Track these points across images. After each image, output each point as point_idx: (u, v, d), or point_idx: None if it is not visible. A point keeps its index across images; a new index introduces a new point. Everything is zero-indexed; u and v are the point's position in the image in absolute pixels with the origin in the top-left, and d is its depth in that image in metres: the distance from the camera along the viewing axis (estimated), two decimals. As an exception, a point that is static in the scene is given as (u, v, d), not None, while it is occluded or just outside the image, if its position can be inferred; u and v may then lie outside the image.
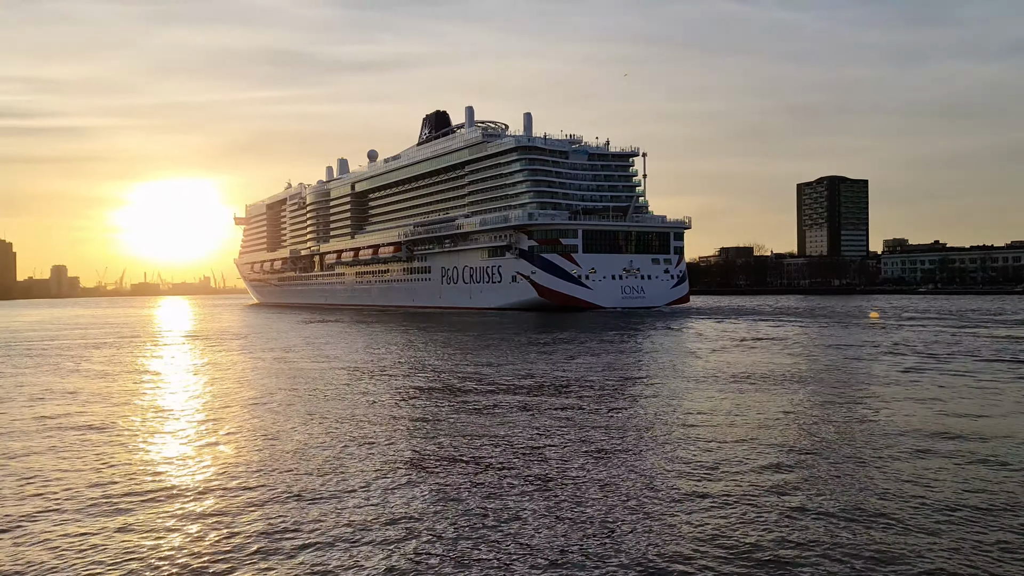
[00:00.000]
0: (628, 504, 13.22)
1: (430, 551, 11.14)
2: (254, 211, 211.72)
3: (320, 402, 24.88)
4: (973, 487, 13.87)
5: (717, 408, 22.52)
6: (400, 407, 23.73)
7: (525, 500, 13.45)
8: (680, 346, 45.85)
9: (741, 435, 18.50)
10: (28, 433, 20.23)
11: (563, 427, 19.82)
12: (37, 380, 32.42)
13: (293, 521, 12.43)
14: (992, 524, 11.91)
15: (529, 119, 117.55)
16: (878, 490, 13.78)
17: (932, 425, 19.71)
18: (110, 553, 11.25)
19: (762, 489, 13.94)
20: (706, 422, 20.38)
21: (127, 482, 15.08)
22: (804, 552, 10.91)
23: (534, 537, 11.63)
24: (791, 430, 19.28)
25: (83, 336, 66.20)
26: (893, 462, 15.85)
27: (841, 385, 27.58)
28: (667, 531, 11.85)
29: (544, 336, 54.56)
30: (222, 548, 11.36)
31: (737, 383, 28.11)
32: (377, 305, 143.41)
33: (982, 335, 50.55)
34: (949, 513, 12.48)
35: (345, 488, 14.39)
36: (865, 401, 24.04)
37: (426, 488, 14.28)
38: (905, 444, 17.45)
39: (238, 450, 17.86)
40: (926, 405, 23.00)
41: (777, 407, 22.72)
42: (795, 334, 54.35)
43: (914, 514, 12.44)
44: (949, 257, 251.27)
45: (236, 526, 12.35)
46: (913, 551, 10.88)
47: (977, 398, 24.32)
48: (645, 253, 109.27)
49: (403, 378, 31.11)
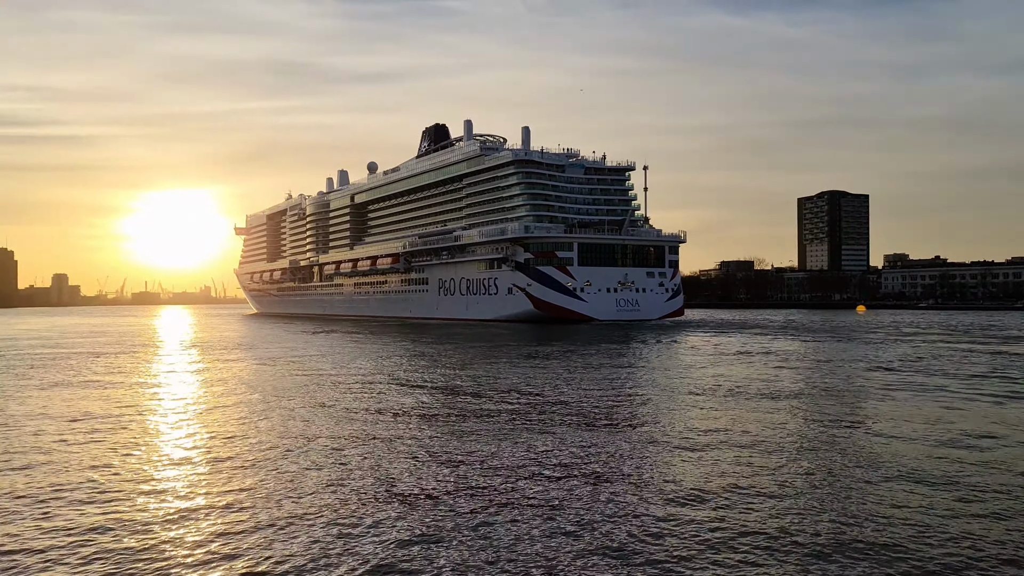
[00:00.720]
0: (620, 516, 13.78)
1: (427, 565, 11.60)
2: (254, 221, 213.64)
3: (304, 423, 24.05)
4: (971, 531, 13.20)
5: (712, 427, 22.68)
6: (388, 424, 23.78)
7: (523, 521, 13.63)
8: (673, 360, 46.49)
9: (731, 457, 18.65)
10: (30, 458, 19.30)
11: (553, 447, 19.95)
12: (34, 400, 30.43)
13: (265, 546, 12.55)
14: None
15: (527, 133, 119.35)
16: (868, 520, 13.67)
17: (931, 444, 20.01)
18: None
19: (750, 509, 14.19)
20: (701, 440, 20.67)
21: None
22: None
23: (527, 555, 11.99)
24: (785, 448, 19.58)
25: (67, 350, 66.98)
26: (881, 486, 15.93)
27: (839, 405, 27.42)
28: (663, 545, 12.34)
29: (541, 349, 55.29)
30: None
31: (731, 398, 28.66)
32: (375, 316, 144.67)
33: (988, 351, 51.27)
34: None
35: (345, 493, 15.02)
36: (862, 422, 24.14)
37: (422, 509, 14.54)
38: (895, 467, 17.53)
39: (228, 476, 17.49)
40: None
41: (770, 423, 23.11)
42: (787, 348, 55.33)
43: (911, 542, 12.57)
44: (949, 272, 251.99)
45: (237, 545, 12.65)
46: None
47: (977, 418, 24.34)
48: (640, 266, 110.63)
49: (391, 395, 31.09)
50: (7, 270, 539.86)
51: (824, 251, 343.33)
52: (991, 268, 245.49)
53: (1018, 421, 23.83)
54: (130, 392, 32.61)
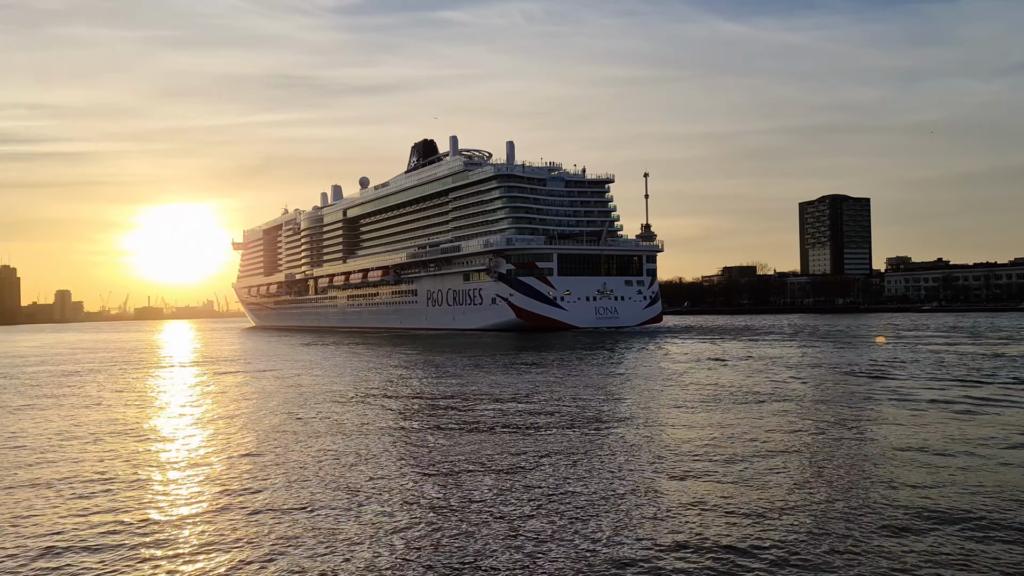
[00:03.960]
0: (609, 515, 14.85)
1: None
2: (251, 237, 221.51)
3: (300, 431, 25.12)
4: (962, 546, 13.05)
5: (697, 436, 23.41)
6: (375, 431, 24.84)
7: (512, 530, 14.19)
8: (650, 366, 48.32)
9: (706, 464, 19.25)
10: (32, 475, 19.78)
11: (531, 446, 21.31)
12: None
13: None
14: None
15: (511, 147, 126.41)
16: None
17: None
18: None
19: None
20: (683, 445, 21.62)
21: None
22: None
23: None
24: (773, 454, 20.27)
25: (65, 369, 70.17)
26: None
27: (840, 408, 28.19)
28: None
29: (523, 356, 57.89)
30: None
31: (713, 403, 29.99)
32: (368, 327, 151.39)
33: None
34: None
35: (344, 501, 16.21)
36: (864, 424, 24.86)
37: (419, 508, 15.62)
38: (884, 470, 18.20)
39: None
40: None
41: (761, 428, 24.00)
42: (764, 353, 57.00)
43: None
44: (953, 275, 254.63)
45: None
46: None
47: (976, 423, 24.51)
48: (619, 275, 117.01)
49: (374, 404, 32.07)
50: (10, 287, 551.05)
51: (826, 255, 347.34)
52: (994, 269, 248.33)
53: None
54: (153, 408, 33.70)
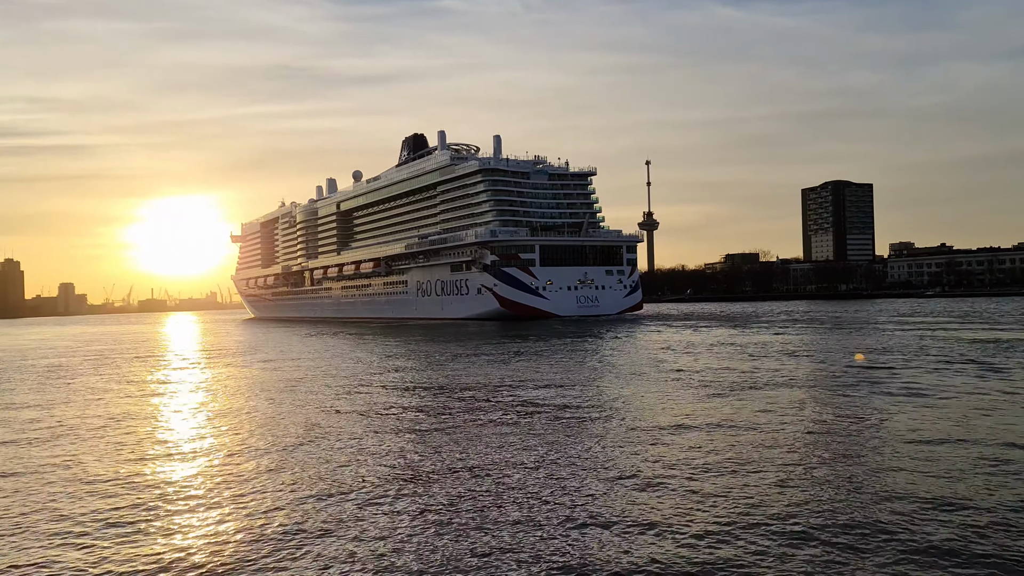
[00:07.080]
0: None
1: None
2: (249, 230, 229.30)
3: (296, 424, 25.23)
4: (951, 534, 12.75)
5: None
6: (364, 426, 24.84)
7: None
8: (628, 352, 50.64)
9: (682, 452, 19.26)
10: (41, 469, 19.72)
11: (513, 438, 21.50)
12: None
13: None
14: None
15: (498, 141, 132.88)
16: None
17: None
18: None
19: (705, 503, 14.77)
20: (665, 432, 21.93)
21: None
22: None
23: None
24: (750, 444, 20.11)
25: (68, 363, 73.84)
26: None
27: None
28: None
29: (505, 345, 60.39)
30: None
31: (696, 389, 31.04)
32: (361, 317, 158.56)
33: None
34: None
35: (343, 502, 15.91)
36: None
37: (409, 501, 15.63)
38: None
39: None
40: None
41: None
42: (729, 339, 58.90)
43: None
44: (956, 259, 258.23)
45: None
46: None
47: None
48: (599, 265, 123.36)
49: (362, 394, 32.62)
50: (14, 281, 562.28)
51: (829, 241, 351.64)
52: (998, 254, 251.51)
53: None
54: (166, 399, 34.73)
